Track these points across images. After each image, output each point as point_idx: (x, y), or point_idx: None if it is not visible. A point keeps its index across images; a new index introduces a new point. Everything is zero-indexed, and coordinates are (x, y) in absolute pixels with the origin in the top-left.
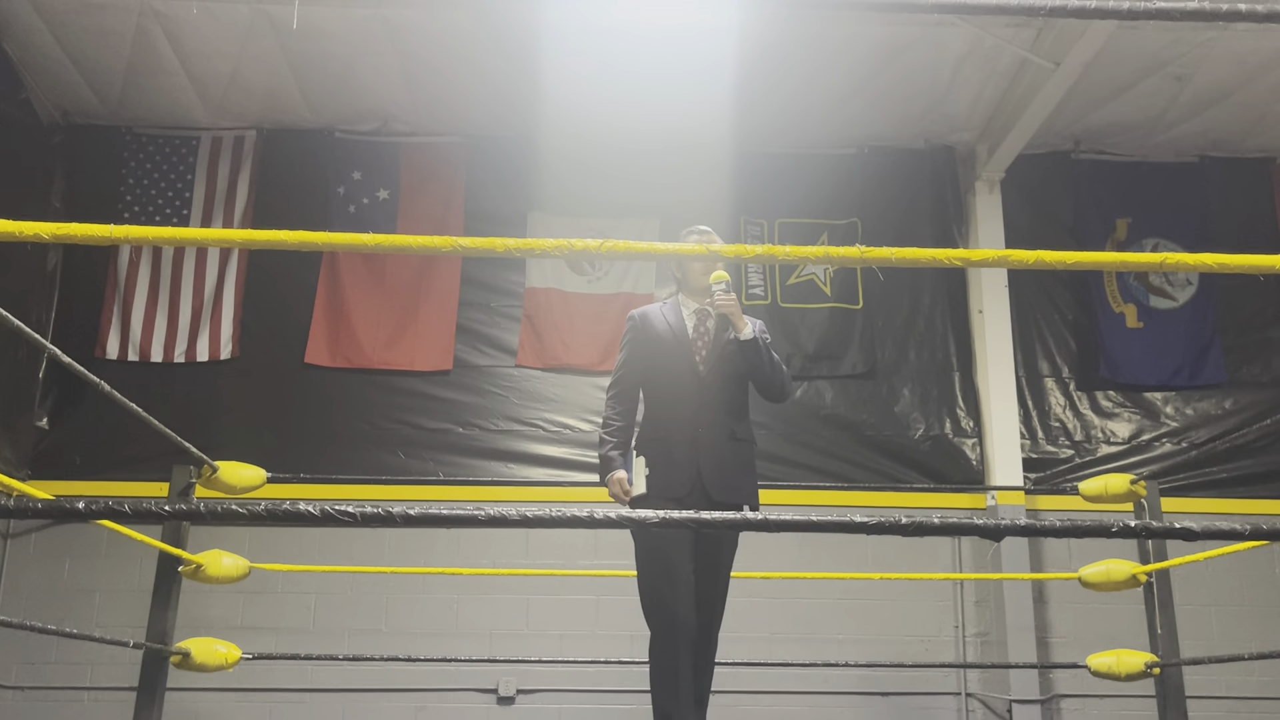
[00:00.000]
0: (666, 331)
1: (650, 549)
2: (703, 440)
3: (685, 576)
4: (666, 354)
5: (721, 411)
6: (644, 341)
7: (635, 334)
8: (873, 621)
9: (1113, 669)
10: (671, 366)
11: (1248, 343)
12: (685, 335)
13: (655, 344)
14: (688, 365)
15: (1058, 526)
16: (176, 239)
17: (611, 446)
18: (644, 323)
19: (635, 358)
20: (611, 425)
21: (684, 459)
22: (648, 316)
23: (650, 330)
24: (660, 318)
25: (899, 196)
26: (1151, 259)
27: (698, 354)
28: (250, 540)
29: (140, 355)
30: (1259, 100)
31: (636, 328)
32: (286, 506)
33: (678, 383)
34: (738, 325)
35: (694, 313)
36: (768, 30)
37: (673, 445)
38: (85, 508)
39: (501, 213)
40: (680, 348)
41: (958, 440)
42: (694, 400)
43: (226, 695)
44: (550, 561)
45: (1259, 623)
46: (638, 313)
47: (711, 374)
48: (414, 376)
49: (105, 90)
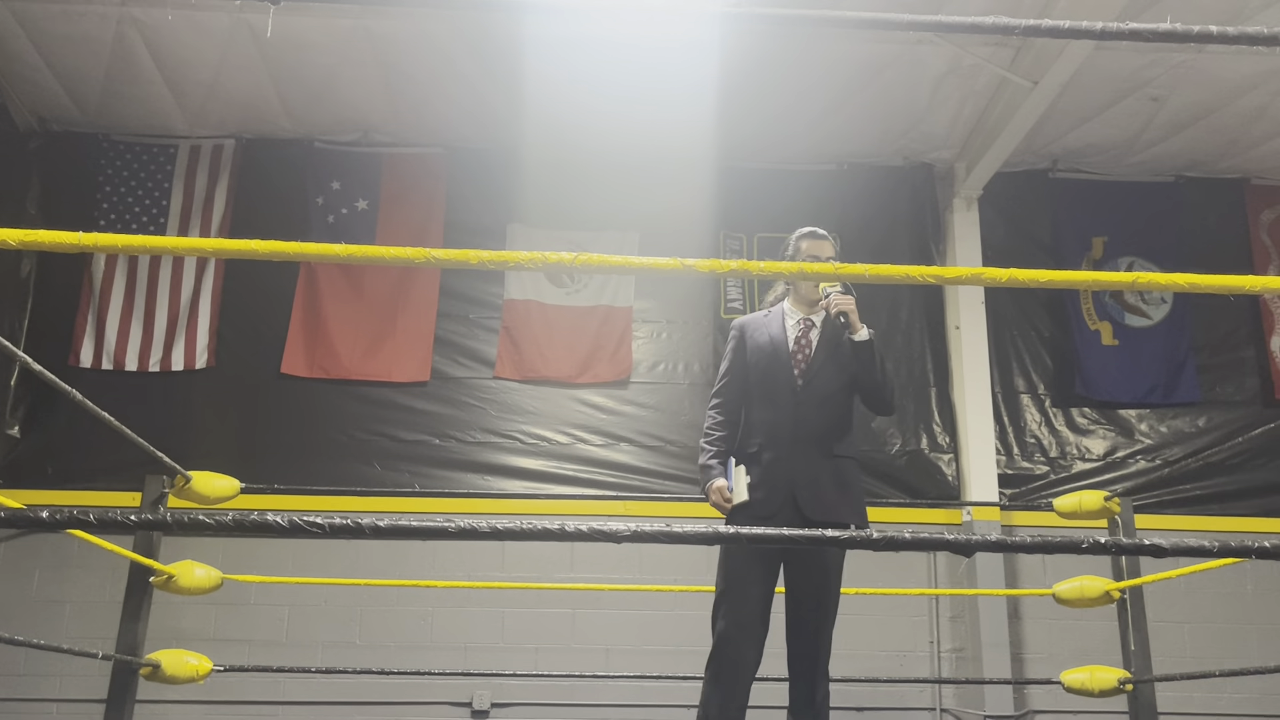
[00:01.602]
0: (767, 343)
1: (726, 573)
2: (797, 456)
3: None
4: (766, 365)
5: (819, 426)
6: (745, 352)
7: (737, 344)
8: (848, 637)
9: (1086, 685)
10: (770, 379)
11: (1221, 362)
12: (785, 347)
13: (756, 355)
14: (786, 378)
15: (1028, 542)
16: (146, 248)
17: (711, 455)
18: (746, 332)
19: (736, 368)
20: (712, 435)
21: (777, 476)
22: (750, 326)
23: (752, 340)
24: (763, 328)
25: (878, 213)
26: (1123, 278)
27: (797, 366)
28: (223, 551)
29: (115, 364)
30: (1234, 122)
31: (739, 337)
32: (254, 517)
33: (775, 395)
34: (854, 325)
35: (798, 323)
36: (749, 46)
37: (767, 461)
38: (50, 516)
39: (481, 224)
40: (779, 359)
41: (934, 456)
42: (790, 414)
43: (197, 708)
44: (526, 574)
45: (1231, 639)
46: (740, 322)
47: (809, 388)
48: (391, 388)
49: (83, 97)
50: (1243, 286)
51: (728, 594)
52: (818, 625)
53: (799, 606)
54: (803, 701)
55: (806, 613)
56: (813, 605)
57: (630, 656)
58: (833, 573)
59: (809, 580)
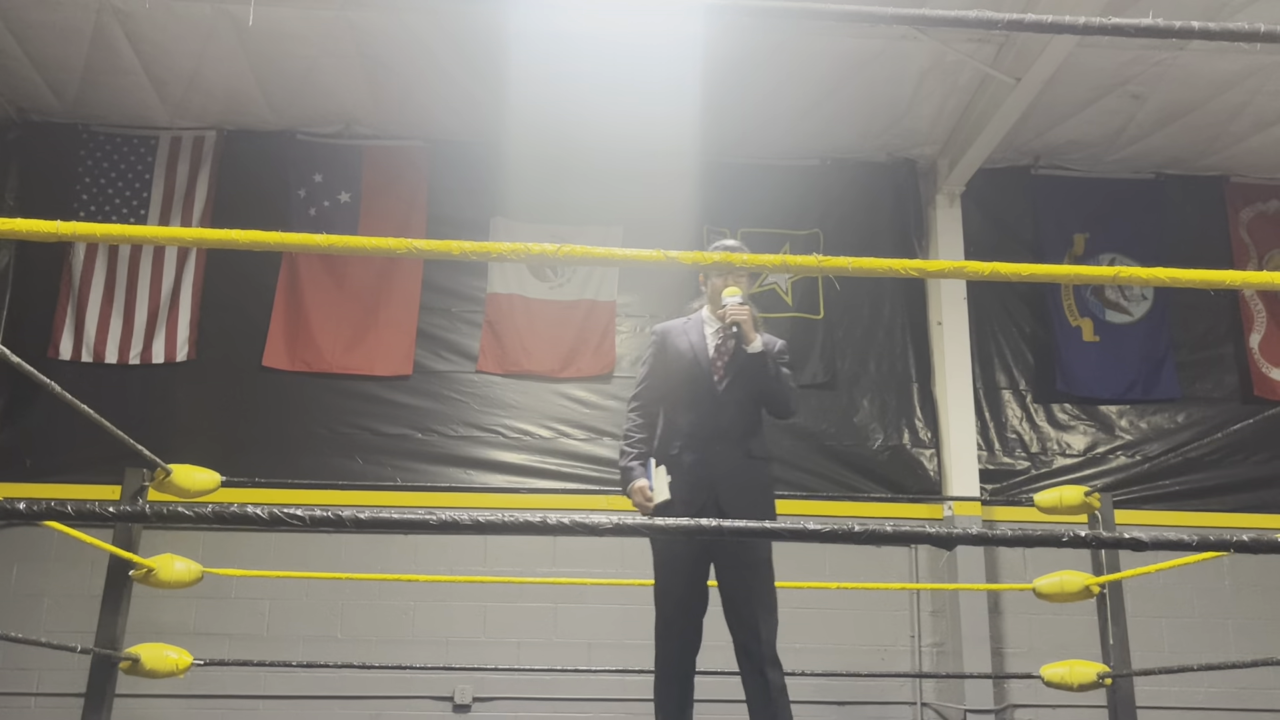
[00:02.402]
0: (688, 349)
1: (660, 564)
2: (718, 457)
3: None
4: (686, 371)
5: (737, 429)
6: (665, 357)
7: (658, 349)
8: (830, 631)
9: (1065, 679)
10: (690, 384)
11: (1200, 358)
12: (705, 353)
13: (675, 360)
14: (706, 383)
15: (1009, 536)
16: (126, 236)
17: (632, 458)
18: (666, 338)
19: (656, 372)
20: (632, 438)
21: (699, 476)
22: (670, 332)
23: (671, 346)
24: (682, 334)
25: (861, 208)
26: (1106, 272)
27: (716, 373)
28: (204, 545)
29: (94, 356)
30: (1214, 120)
31: (659, 343)
32: (234, 509)
33: (695, 400)
34: (747, 336)
35: (717, 331)
36: (733, 41)
37: (689, 462)
38: (28, 509)
39: (464, 218)
40: (700, 365)
41: (915, 451)
42: (710, 418)
43: (177, 702)
44: (508, 569)
45: (1208, 634)
46: (660, 328)
47: (728, 392)
48: (373, 381)
49: (63, 88)
50: (1223, 281)
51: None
52: (753, 618)
53: (733, 602)
54: (757, 693)
55: (740, 607)
56: (744, 598)
57: (612, 651)
58: (761, 567)
59: (737, 575)
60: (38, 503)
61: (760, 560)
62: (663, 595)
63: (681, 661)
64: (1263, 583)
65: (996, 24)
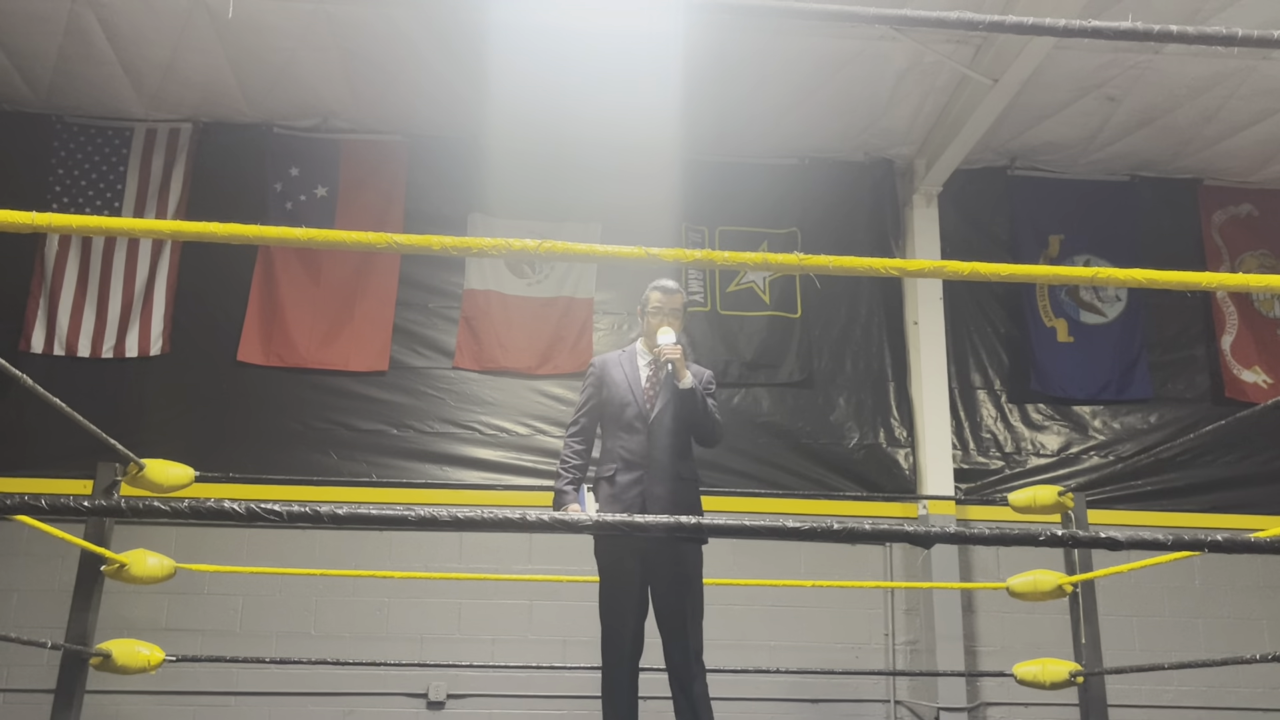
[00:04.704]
0: (623, 379)
1: (606, 578)
2: (650, 480)
3: (636, 605)
4: (621, 400)
5: (668, 454)
6: (602, 387)
7: (596, 380)
8: (804, 629)
9: (1038, 677)
10: (624, 412)
11: (1173, 359)
12: (639, 384)
13: (613, 389)
14: (638, 412)
15: (986, 534)
16: (100, 228)
17: (567, 482)
18: (604, 370)
19: (593, 402)
20: (569, 463)
21: (632, 497)
22: (608, 364)
23: (608, 377)
24: (618, 365)
25: (838, 208)
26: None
27: (650, 401)
28: (176, 540)
29: (67, 350)
30: (1188, 123)
31: (596, 374)
32: (211, 504)
33: (629, 427)
34: (679, 374)
35: (649, 363)
36: (713, 39)
37: (622, 484)
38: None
39: (442, 213)
40: (633, 395)
41: (891, 450)
42: (643, 443)
43: (148, 698)
44: (483, 566)
45: (1179, 633)
46: (599, 360)
47: (659, 420)
48: (348, 377)
49: (35, 78)
50: (1199, 283)
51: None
52: (684, 631)
53: (666, 613)
54: (682, 694)
55: (674, 618)
56: (678, 610)
57: (587, 648)
58: (695, 580)
59: (673, 589)
60: (10, 496)
61: (695, 574)
62: (608, 608)
63: (629, 668)
64: (1232, 583)
65: (978, 25)
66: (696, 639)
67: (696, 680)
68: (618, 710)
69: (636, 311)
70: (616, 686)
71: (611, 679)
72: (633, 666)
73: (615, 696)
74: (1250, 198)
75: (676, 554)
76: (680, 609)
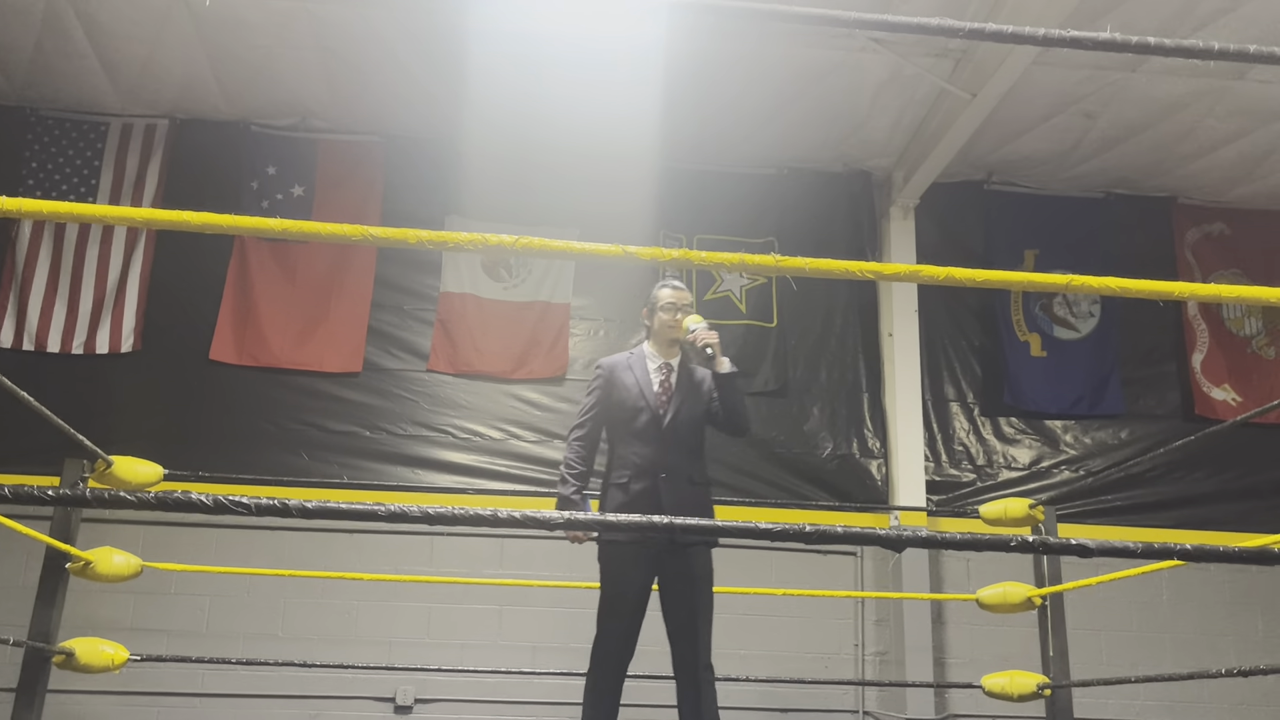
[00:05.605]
0: (633, 384)
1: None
2: (665, 486)
3: (636, 611)
4: (633, 405)
5: (681, 459)
6: (610, 391)
7: (603, 383)
8: (774, 638)
9: (1006, 689)
10: (637, 417)
11: (1145, 375)
12: (650, 388)
13: (622, 394)
14: (651, 417)
15: (959, 539)
16: (76, 215)
17: (573, 489)
18: (611, 373)
19: (601, 406)
20: (575, 469)
21: (647, 504)
22: (615, 367)
23: (617, 380)
24: (627, 369)
25: (816, 218)
26: (1058, 280)
27: (663, 407)
28: (144, 539)
29: (36, 344)
30: (1163, 141)
31: (604, 377)
32: (179, 495)
33: (642, 433)
34: (718, 359)
35: (660, 366)
36: (694, 47)
37: (636, 492)
38: None
39: (418, 215)
40: (646, 400)
41: (864, 460)
42: (657, 450)
43: (111, 698)
44: (454, 569)
45: (1145, 647)
46: (606, 362)
47: (673, 425)
48: (322, 377)
49: (11, 69)
50: (1171, 293)
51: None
52: (694, 631)
53: (677, 614)
54: (690, 702)
55: (683, 620)
56: (690, 611)
57: (557, 654)
58: (706, 581)
59: (685, 589)
60: None
61: (707, 574)
62: (608, 611)
63: (618, 674)
64: (1199, 598)
65: (959, 32)
66: (707, 641)
67: (705, 688)
68: (600, 714)
69: (641, 314)
70: (602, 690)
71: (598, 681)
72: (621, 671)
73: (600, 700)
74: (1223, 216)
75: (687, 558)
76: (692, 613)
